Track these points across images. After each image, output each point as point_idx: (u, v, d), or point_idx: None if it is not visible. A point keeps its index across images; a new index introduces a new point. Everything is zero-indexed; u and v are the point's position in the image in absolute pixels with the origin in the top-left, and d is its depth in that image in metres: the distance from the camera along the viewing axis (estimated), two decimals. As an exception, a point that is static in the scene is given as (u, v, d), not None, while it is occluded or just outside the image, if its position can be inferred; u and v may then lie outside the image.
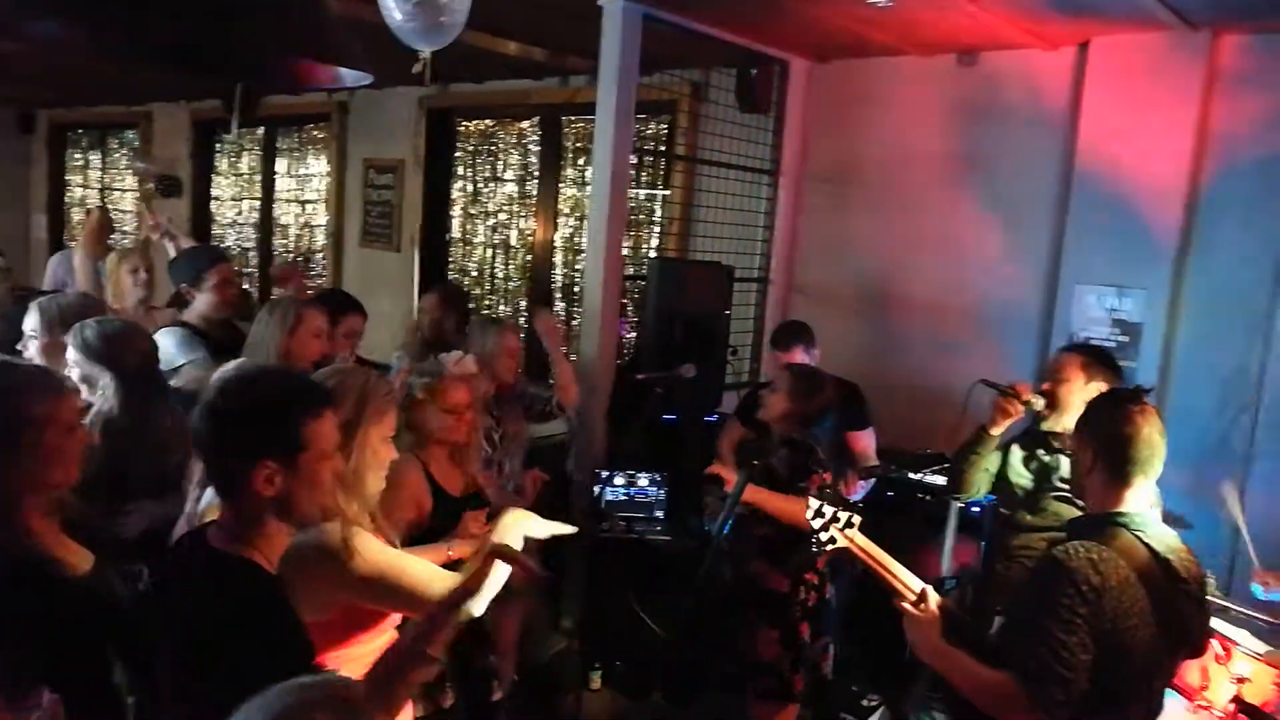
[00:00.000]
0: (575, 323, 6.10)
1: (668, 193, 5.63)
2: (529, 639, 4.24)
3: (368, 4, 2.66)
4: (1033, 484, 3.08)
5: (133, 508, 2.62)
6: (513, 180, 6.75)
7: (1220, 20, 3.79)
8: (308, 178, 8.07)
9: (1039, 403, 3.05)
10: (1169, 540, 2.03)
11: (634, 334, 5.46)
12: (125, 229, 9.12)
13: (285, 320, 3.16)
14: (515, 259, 6.83)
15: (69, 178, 10.41)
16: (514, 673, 3.70)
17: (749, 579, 3.25)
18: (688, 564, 3.18)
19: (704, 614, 3.31)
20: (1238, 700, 2.67)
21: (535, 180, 6.57)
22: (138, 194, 8.75)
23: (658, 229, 5.88)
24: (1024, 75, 4.45)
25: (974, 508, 3.86)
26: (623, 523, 4.14)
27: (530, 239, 6.65)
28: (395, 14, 2.55)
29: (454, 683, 2.64)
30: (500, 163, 6.82)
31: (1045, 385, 3.08)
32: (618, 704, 4.11)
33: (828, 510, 2.25)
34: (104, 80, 7.39)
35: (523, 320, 5.28)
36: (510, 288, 6.87)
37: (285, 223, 8.30)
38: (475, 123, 6.91)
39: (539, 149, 6.54)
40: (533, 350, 5.32)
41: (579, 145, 6.30)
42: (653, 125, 5.90)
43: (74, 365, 2.66)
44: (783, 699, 3.24)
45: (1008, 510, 3.16)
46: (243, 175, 8.67)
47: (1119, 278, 4.09)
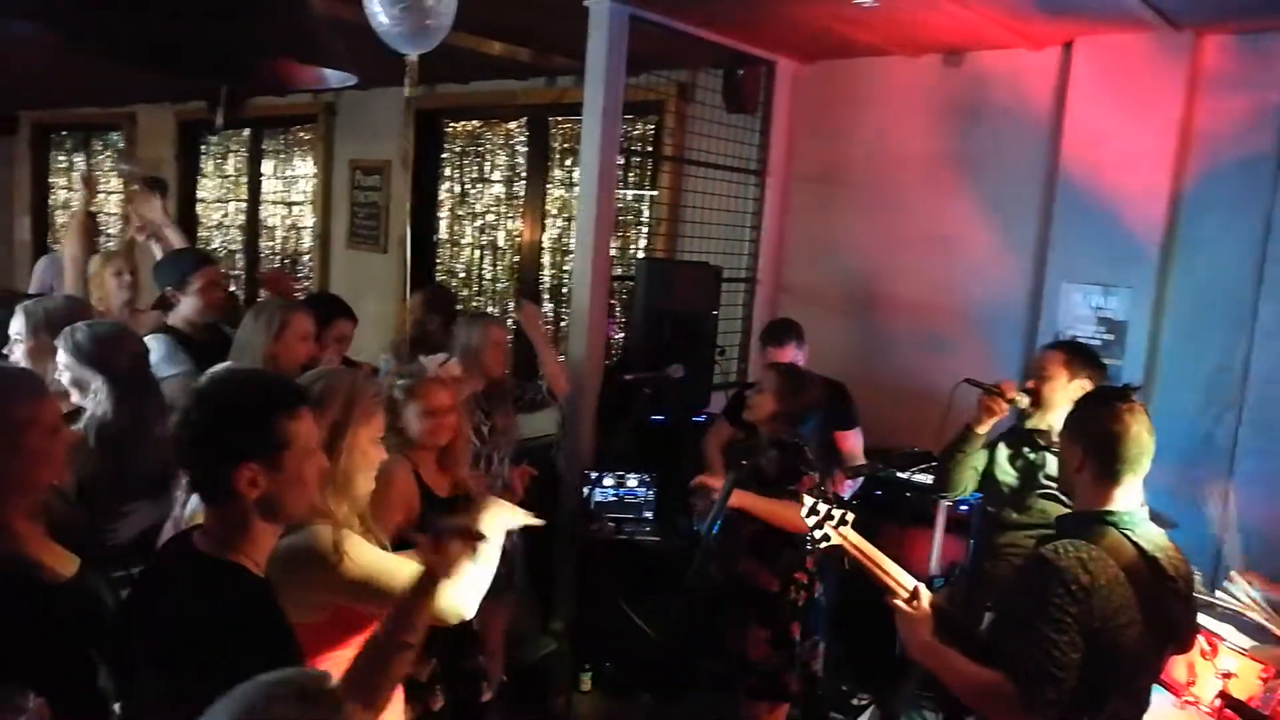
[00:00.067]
0: (563, 323, 6.10)
1: (655, 193, 5.63)
2: (518, 640, 4.24)
3: (352, 5, 2.65)
4: (1018, 482, 3.09)
5: (130, 509, 2.62)
6: (500, 181, 6.74)
7: (1203, 21, 3.82)
8: (294, 179, 8.04)
9: (1024, 401, 3.06)
10: (1157, 539, 2.04)
11: (622, 334, 5.46)
12: (110, 231, 9.06)
13: (271, 324, 3.14)
14: (503, 260, 6.82)
15: (53, 180, 10.34)
16: (502, 673, 3.70)
17: (739, 579, 3.25)
18: (677, 564, 3.18)
19: (693, 614, 3.31)
20: (1224, 695, 2.69)
21: (523, 181, 6.56)
22: (123, 195, 8.69)
23: (645, 229, 5.88)
24: (1009, 75, 4.48)
25: (962, 506, 3.87)
26: (612, 523, 4.15)
27: (518, 240, 6.64)
28: (381, 18, 2.55)
29: (443, 684, 2.64)
30: (487, 164, 6.81)
31: (1030, 383, 3.09)
32: (608, 705, 4.11)
33: (822, 508, 2.26)
34: (86, 81, 7.33)
35: (511, 322, 5.25)
36: (498, 289, 6.86)
37: (272, 224, 8.27)
38: (462, 123, 6.90)
39: (526, 150, 6.53)
40: (521, 348, 5.31)
41: (566, 146, 6.29)
42: (640, 126, 5.90)
43: (64, 369, 2.64)
44: (774, 698, 3.25)
45: (994, 508, 3.17)
46: (229, 177, 8.62)
47: (1104, 276, 4.11)
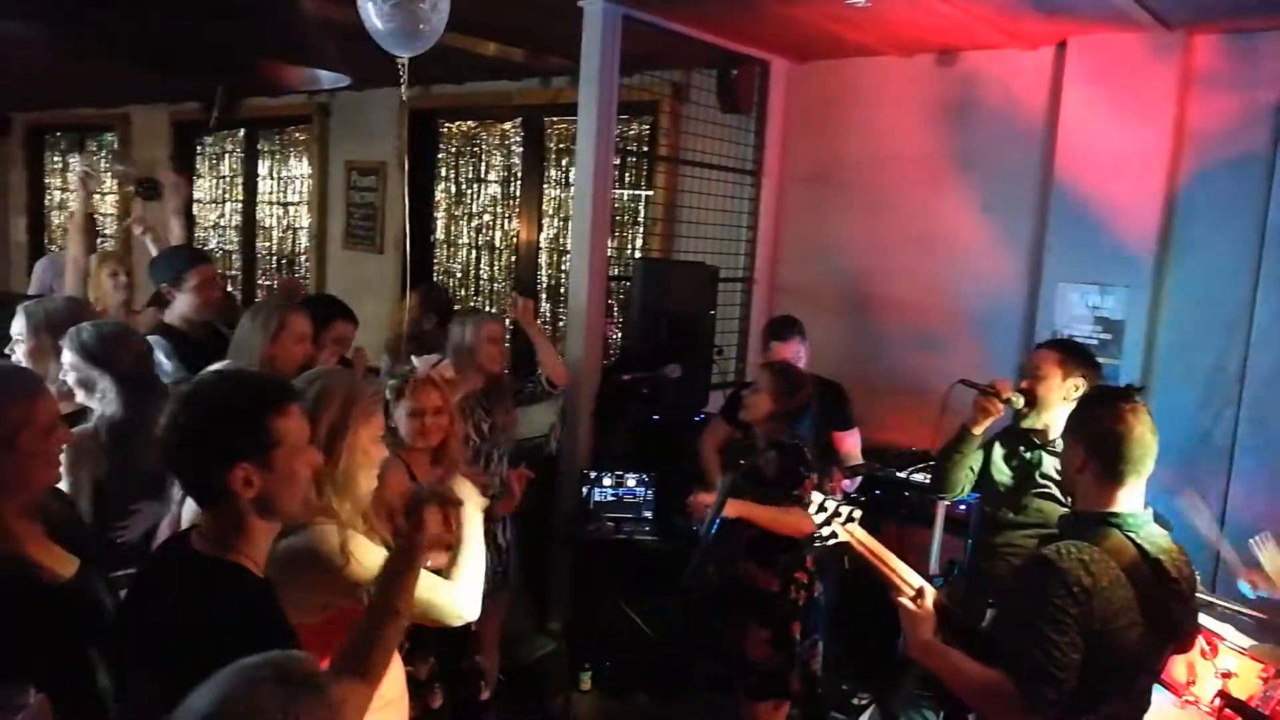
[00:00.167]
0: (561, 323, 6.10)
1: (651, 193, 5.63)
2: (516, 640, 4.23)
3: (346, 6, 2.65)
4: (1014, 481, 3.10)
5: (138, 507, 2.63)
6: (496, 181, 6.74)
7: (1194, 20, 3.82)
8: (290, 180, 8.02)
9: (1019, 401, 3.06)
10: (1160, 541, 2.04)
11: (619, 334, 5.47)
12: (106, 232, 9.05)
13: (268, 325, 3.13)
14: (500, 260, 6.82)
15: (47, 180, 10.32)
16: (498, 672, 3.69)
17: (738, 579, 3.25)
18: (675, 564, 3.18)
19: (692, 614, 3.31)
20: (1223, 695, 2.69)
21: (518, 181, 6.56)
22: (118, 196, 8.67)
23: (642, 230, 5.88)
24: (1003, 75, 4.48)
25: (961, 505, 3.87)
26: (610, 523, 4.15)
27: (514, 240, 6.64)
28: (375, 19, 2.54)
29: (442, 683, 2.64)
30: (483, 164, 6.81)
31: (1024, 383, 3.09)
32: (606, 705, 4.11)
33: (831, 504, 2.26)
34: (80, 82, 7.32)
35: (508, 321, 5.25)
36: (495, 289, 6.86)
37: (268, 225, 8.25)
38: (457, 124, 6.90)
39: (522, 150, 6.53)
40: (518, 345, 5.31)
41: (562, 146, 6.29)
42: (635, 126, 5.90)
43: (71, 369, 2.64)
44: (775, 698, 3.24)
45: (990, 508, 3.18)
46: (224, 178, 8.60)
47: (1100, 275, 4.12)
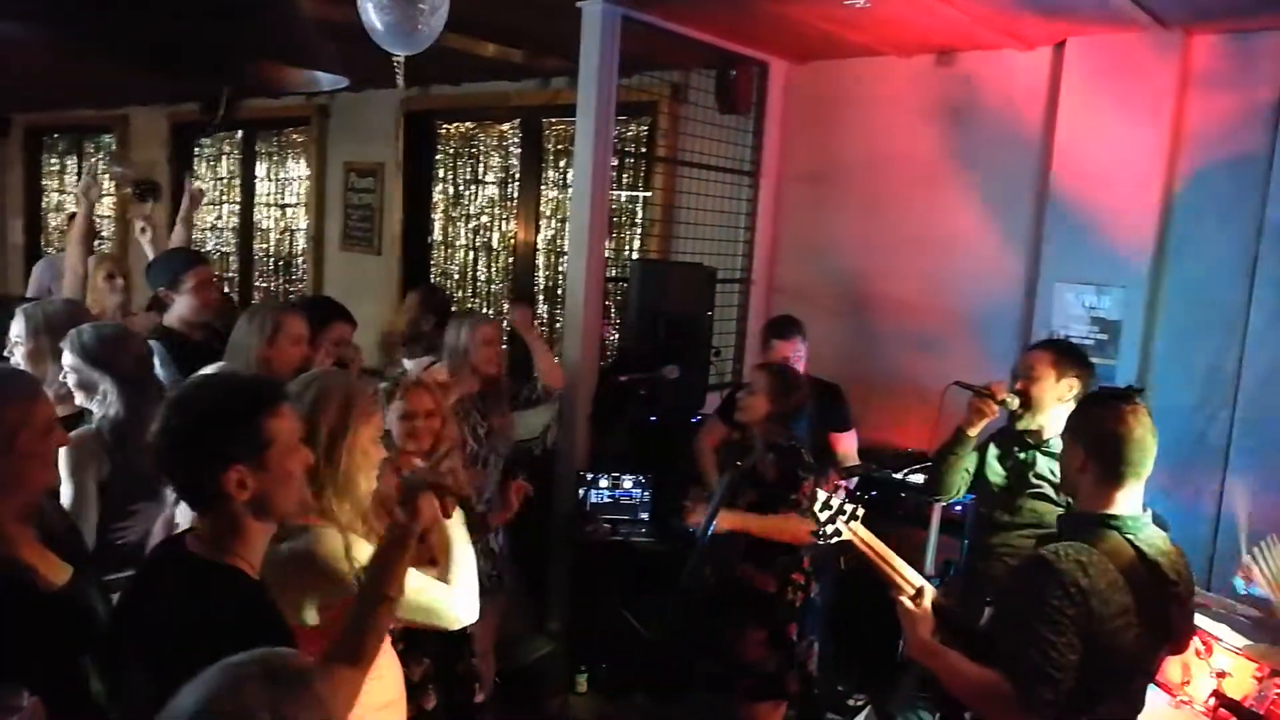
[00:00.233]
0: (558, 324, 6.10)
1: (649, 194, 5.63)
2: (513, 642, 4.23)
3: (346, 6, 2.65)
4: (1009, 482, 3.10)
5: (137, 509, 2.64)
6: (494, 183, 6.73)
7: (1192, 20, 3.83)
8: (288, 181, 8.02)
9: (1014, 402, 3.06)
10: (1159, 543, 2.04)
11: (617, 335, 5.46)
12: (104, 234, 9.05)
13: (264, 327, 3.12)
14: (497, 261, 6.81)
15: (45, 182, 10.31)
16: (493, 675, 3.69)
17: (735, 580, 3.24)
18: (672, 565, 3.18)
19: (689, 615, 3.31)
20: (1218, 695, 2.69)
21: (516, 183, 6.55)
22: (115, 197, 8.67)
23: (639, 230, 5.88)
24: (1001, 75, 4.48)
25: (957, 506, 3.87)
26: (607, 524, 4.14)
27: (512, 241, 6.63)
28: (373, 18, 2.54)
29: (436, 685, 2.64)
30: (481, 165, 6.80)
31: (1018, 384, 3.09)
32: (603, 706, 4.11)
33: (834, 502, 2.25)
34: (78, 83, 7.31)
35: (505, 325, 5.25)
36: (493, 290, 6.85)
37: (266, 227, 8.25)
38: (455, 125, 6.89)
39: (520, 151, 6.52)
40: (515, 350, 5.30)
41: (560, 147, 6.28)
42: (633, 127, 5.90)
43: (71, 371, 2.65)
44: (772, 699, 3.24)
45: (986, 509, 3.18)
46: (222, 179, 8.60)
47: (1097, 276, 4.12)
